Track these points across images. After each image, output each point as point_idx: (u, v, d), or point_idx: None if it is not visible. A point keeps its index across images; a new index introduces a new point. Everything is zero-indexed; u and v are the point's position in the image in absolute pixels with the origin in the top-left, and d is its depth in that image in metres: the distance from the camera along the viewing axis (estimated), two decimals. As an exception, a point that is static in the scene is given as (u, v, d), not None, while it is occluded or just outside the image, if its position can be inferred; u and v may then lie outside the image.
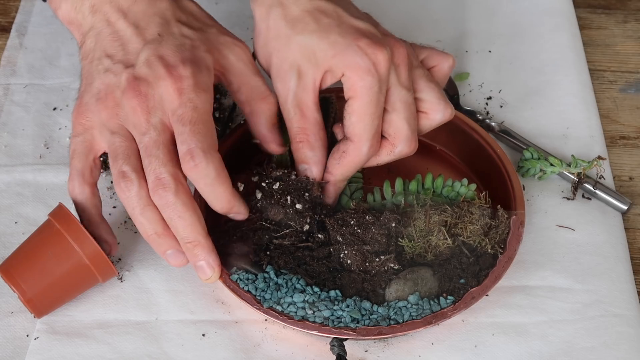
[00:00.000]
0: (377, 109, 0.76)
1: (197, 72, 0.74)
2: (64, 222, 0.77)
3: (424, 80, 0.79)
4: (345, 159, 0.78)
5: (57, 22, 1.05)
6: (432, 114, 0.80)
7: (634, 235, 0.88)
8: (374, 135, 0.77)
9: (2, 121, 0.96)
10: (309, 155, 0.78)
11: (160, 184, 0.72)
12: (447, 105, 0.80)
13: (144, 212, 0.74)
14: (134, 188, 0.73)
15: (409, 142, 0.79)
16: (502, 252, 0.80)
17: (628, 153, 0.95)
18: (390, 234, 0.80)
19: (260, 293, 0.77)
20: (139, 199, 0.73)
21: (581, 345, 0.79)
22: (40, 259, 0.77)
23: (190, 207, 0.73)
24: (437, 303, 0.77)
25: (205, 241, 0.75)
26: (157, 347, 0.79)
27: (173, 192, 0.72)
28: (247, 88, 0.79)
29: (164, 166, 0.72)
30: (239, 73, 0.79)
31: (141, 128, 0.74)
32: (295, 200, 0.79)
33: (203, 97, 0.73)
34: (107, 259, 0.77)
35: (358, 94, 0.75)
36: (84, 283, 0.79)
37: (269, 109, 0.79)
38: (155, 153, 0.73)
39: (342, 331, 0.75)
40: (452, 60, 0.84)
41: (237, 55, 0.79)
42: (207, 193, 0.74)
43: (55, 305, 0.80)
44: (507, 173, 0.85)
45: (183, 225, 0.73)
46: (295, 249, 0.80)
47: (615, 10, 1.09)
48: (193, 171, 0.72)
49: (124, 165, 0.74)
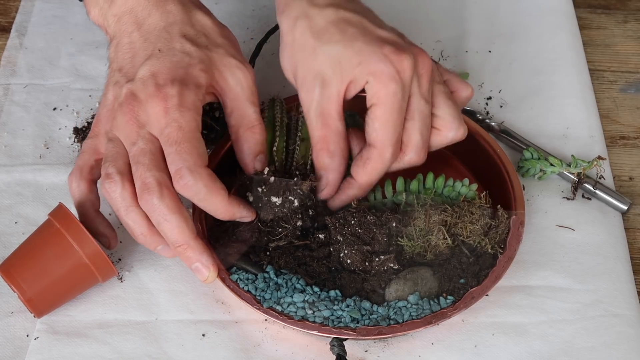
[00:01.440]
0: (399, 116, 0.76)
1: (185, 90, 0.75)
2: (64, 221, 0.77)
3: (443, 96, 0.80)
4: (369, 166, 0.78)
5: (57, 22, 1.06)
6: (444, 132, 0.80)
7: (634, 235, 0.88)
8: (397, 142, 0.78)
9: (2, 121, 0.96)
10: (327, 162, 0.79)
11: (145, 188, 0.74)
12: (461, 124, 0.81)
13: (128, 214, 0.75)
14: (117, 189, 0.75)
15: (419, 152, 0.79)
16: (502, 252, 0.80)
17: (628, 153, 0.95)
18: (391, 234, 0.80)
19: (260, 293, 0.77)
20: (122, 200, 0.75)
21: (581, 345, 0.79)
22: (40, 258, 0.77)
23: (176, 210, 0.74)
24: (437, 303, 0.77)
25: (195, 243, 0.76)
26: (157, 347, 0.79)
27: (157, 195, 0.73)
28: (239, 114, 0.80)
29: (149, 171, 0.74)
30: (234, 97, 0.80)
31: (131, 139, 0.76)
32: (285, 198, 0.79)
33: (188, 116, 0.75)
34: (107, 258, 0.77)
35: (382, 100, 0.76)
36: (84, 283, 0.79)
37: (254, 138, 0.80)
38: (141, 160, 0.74)
39: (342, 331, 0.75)
40: (472, 91, 0.84)
41: (237, 79, 0.80)
42: (203, 207, 0.76)
43: (55, 305, 0.80)
44: (507, 173, 0.85)
45: (170, 228, 0.74)
46: (295, 249, 0.80)
47: (615, 10, 1.09)
48: (184, 190, 0.74)
49: (110, 167, 0.76)
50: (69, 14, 1.07)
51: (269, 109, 0.86)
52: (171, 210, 0.74)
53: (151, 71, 0.76)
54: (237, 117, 0.80)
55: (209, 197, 0.75)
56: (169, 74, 0.76)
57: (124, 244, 0.85)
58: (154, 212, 0.74)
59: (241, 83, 0.80)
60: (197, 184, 0.74)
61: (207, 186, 0.74)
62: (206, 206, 0.76)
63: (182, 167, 0.73)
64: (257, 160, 0.80)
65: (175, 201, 0.74)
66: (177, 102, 0.75)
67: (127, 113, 0.76)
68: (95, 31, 0.78)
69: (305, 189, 0.80)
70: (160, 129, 0.75)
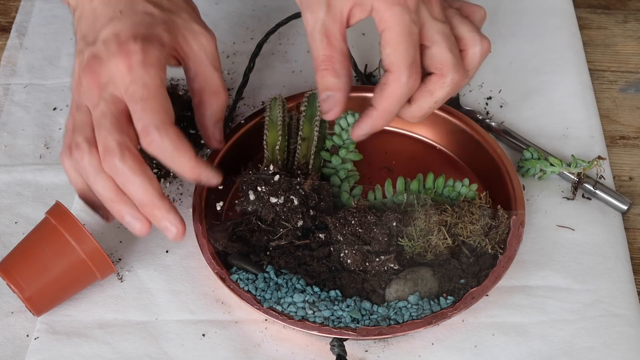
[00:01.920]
0: (410, 39, 0.75)
1: (148, 47, 0.75)
2: (62, 219, 0.77)
3: (456, 17, 0.78)
4: (386, 90, 0.76)
5: (57, 22, 1.06)
6: (469, 49, 0.78)
7: (634, 235, 0.88)
8: (412, 64, 0.75)
9: (2, 121, 0.96)
10: (333, 82, 0.76)
11: (106, 151, 0.73)
12: (483, 37, 0.78)
13: (96, 180, 0.75)
14: (84, 156, 0.74)
15: (457, 69, 0.76)
16: (502, 252, 0.80)
17: (628, 153, 0.95)
18: (391, 234, 0.80)
19: (261, 293, 0.77)
20: (90, 167, 0.75)
21: (581, 345, 0.79)
22: (38, 256, 0.77)
23: (139, 171, 0.74)
24: (437, 303, 0.77)
25: (160, 202, 0.75)
26: (157, 347, 0.79)
27: (118, 157, 0.73)
28: (202, 78, 0.79)
29: (110, 134, 0.73)
30: (198, 62, 0.79)
31: (93, 102, 0.75)
32: (286, 197, 0.79)
33: (152, 72, 0.74)
34: (105, 255, 0.77)
35: (389, 24, 0.74)
36: (83, 280, 0.79)
37: (217, 104, 0.80)
38: (102, 123, 0.74)
39: (342, 331, 0.75)
40: (484, 12, 0.82)
41: (200, 44, 0.79)
42: (170, 165, 0.75)
43: (54, 303, 0.80)
44: (507, 173, 0.85)
45: (134, 189, 0.74)
46: (295, 249, 0.80)
47: (615, 10, 1.09)
48: (150, 147, 0.74)
49: (78, 136, 0.75)
50: (69, 14, 1.06)
51: (271, 108, 0.86)
52: (134, 171, 0.73)
53: (113, 32, 0.75)
54: (200, 82, 0.79)
55: (176, 155, 0.74)
56: (131, 31, 0.75)
57: (124, 244, 0.85)
58: (117, 175, 0.74)
59: (205, 48, 0.79)
60: (163, 142, 0.73)
61: (174, 144, 0.73)
62: (173, 165, 0.75)
63: (149, 124, 0.73)
64: (217, 127, 0.79)
65: (137, 162, 0.74)
66: (140, 59, 0.74)
67: (89, 75, 0.75)
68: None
69: (307, 189, 0.80)
70: (124, 86, 0.74)
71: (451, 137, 0.90)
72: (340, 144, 0.88)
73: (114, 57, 0.74)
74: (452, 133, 0.90)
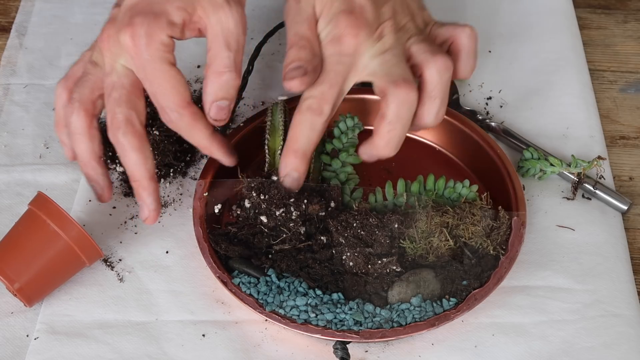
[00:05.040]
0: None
1: (153, 24, 0.74)
2: (45, 208, 0.78)
3: (415, 44, 0.79)
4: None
5: (57, 22, 1.06)
6: (425, 72, 0.78)
7: (634, 235, 0.88)
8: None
9: (2, 121, 0.96)
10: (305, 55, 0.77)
11: (113, 122, 0.75)
12: (436, 54, 0.78)
13: (77, 139, 0.78)
14: (73, 114, 0.77)
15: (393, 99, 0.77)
16: (503, 253, 0.80)
17: (628, 153, 0.95)
18: (393, 236, 0.80)
19: (263, 297, 0.77)
20: (75, 125, 0.78)
21: (581, 345, 0.79)
22: (25, 247, 0.78)
23: (137, 148, 0.76)
24: (440, 305, 0.77)
25: (148, 183, 0.77)
26: (157, 348, 0.79)
27: (122, 132, 0.75)
28: (212, 54, 0.78)
29: (118, 107, 0.75)
30: (212, 36, 0.77)
31: (106, 69, 0.77)
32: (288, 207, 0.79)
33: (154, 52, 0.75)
34: (91, 239, 0.78)
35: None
36: (71, 266, 0.80)
37: (218, 83, 0.78)
38: (112, 94, 0.76)
39: (345, 334, 0.75)
40: (470, 30, 0.82)
41: (218, 18, 0.77)
42: (190, 140, 0.77)
43: (44, 293, 0.80)
44: (508, 174, 0.85)
45: (128, 164, 0.76)
46: (297, 252, 0.80)
47: (615, 10, 1.09)
48: (167, 124, 0.76)
49: (76, 91, 0.78)
50: (69, 14, 1.07)
51: (272, 113, 0.86)
52: (132, 147, 0.75)
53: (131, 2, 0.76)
54: (210, 57, 0.78)
55: (191, 133, 0.77)
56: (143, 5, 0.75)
57: (124, 244, 0.85)
58: (117, 146, 0.76)
59: (221, 23, 0.77)
60: (180, 122, 0.76)
61: (190, 124, 0.76)
62: (189, 140, 0.77)
63: (165, 106, 0.75)
64: (213, 106, 0.78)
65: (138, 139, 0.75)
66: (145, 42, 0.74)
67: (104, 41, 0.76)
68: (95, 31, 0.78)
69: (315, 211, 0.80)
70: (135, 67, 0.75)
71: (451, 138, 0.90)
72: (340, 147, 0.88)
73: (124, 30, 0.75)
74: (452, 134, 0.90)
